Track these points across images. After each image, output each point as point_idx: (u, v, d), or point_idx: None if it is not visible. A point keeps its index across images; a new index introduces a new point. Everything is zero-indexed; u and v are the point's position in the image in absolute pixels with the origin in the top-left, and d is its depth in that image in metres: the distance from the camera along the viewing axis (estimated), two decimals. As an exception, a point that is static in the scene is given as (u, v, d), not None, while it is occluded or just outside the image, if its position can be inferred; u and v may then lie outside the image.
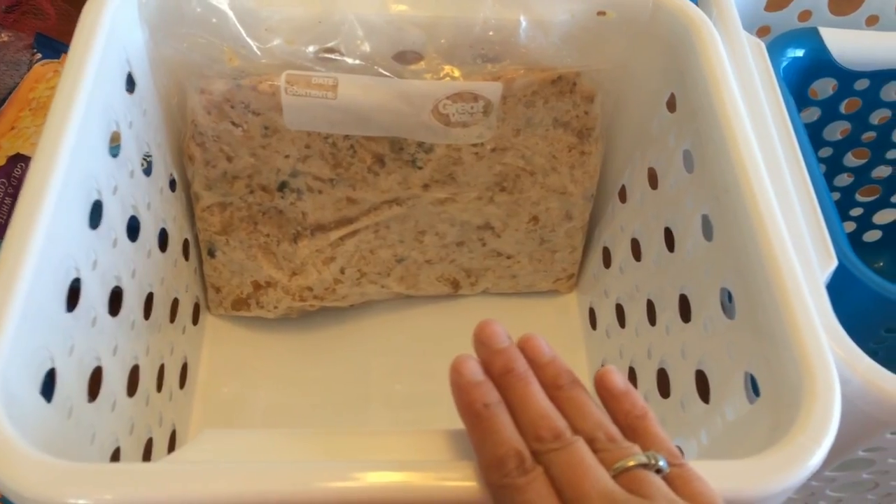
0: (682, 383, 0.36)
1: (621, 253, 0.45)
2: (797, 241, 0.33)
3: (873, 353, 0.34)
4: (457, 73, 0.39)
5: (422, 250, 0.46)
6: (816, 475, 0.36)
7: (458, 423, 0.45)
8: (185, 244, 0.44)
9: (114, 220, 0.34)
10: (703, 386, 0.35)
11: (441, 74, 0.39)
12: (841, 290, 0.35)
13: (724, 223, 0.34)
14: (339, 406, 0.45)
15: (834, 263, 0.34)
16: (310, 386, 0.45)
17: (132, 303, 0.36)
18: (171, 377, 0.41)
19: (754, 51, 0.41)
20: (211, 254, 0.45)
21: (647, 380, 0.40)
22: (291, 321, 0.47)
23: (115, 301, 0.34)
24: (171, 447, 0.41)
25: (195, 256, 0.45)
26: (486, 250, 0.47)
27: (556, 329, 0.50)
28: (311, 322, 0.48)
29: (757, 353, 0.30)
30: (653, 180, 0.42)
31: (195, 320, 0.45)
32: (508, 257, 0.48)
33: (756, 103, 0.38)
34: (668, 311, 0.38)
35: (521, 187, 0.44)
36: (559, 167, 0.44)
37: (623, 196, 0.46)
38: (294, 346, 0.47)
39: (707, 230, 0.35)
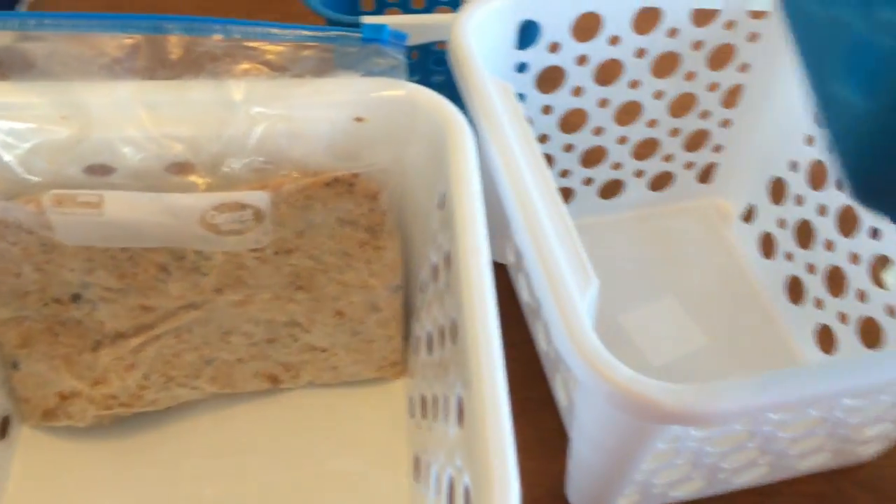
0: (442, 486, 0.36)
1: (423, 345, 0.45)
2: (553, 282, 0.34)
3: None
4: (222, 185, 0.39)
5: (230, 350, 0.46)
6: (638, 473, 0.37)
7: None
8: (-15, 359, 0.44)
9: None
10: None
11: (204, 187, 0.39)
12: None
13: (461, 330, 0.34)
14: (145, 514, 0.45)
15: (595, 283, 0.35)
16: (117, 494, 0.45)
17: None
18: (-41, 499, 0.41)
19: (503, 96, 0.41)
20: (14, 367, 0.45)
21: (432, 480, 0.40)
22: (106, 427, 0.47)
23: None
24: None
25: (1, 370, 0.45)
26: (299, 345, 0.47)
27: (381, 415, 0.50)
28: (127, 427, 0.47)
29: (468, 463, 0.30)
30: (435, 277, 0.42)
31: (3, 434, 0.45)
32: (324, 350, 0.48)
33: (510, 154, 0.39)
34: (439, 411, 0.38)
35: (318, 285, 0.45)
36: (354, 263, 0.44)
37: (424, 289, 0.46)
38: (106, 453, 0.47)
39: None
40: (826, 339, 0.53)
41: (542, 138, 0.56)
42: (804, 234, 0.55)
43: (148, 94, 0.39)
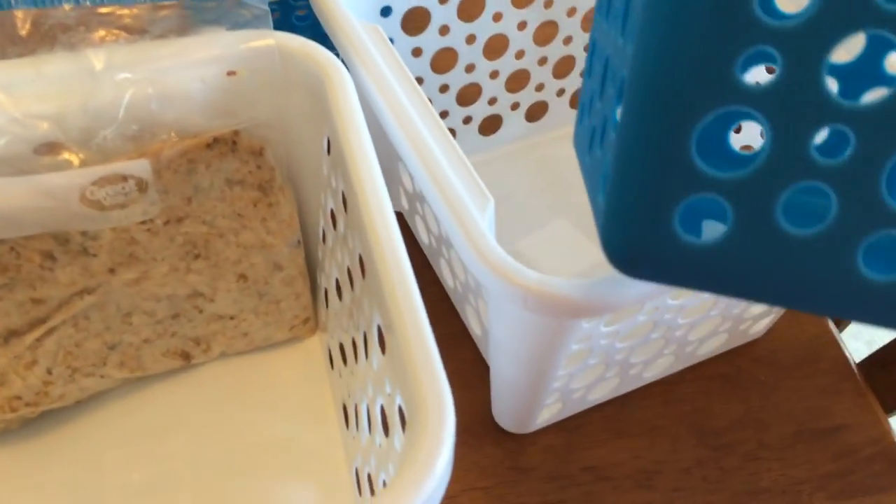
0: (374, 420, 0.37)
1: (332, 294, 0.46)
2: (453, 205, 0.35)
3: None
4: (97, 159, 0.38)
5: (134, 332, 0.45)
6: (555, 380, 0.39)
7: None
8: None
9: None
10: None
11: (79, 163, 0.38)
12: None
13: (369, 261, 0.35)
14: (71, 511, 0.43)
15: (491, 201, 0.36)
16: (41, 498, 0.43)
17: None
18: None
19: (375, 38, 0.42)
20: None
21: (365, 418, 0.41)
22: (14, 431, 0.45)
23: None
24: None
25: None
26: (205, 316, 0.47)
27: (301, 374, 0.50)
28: (37, 428, 0.46)
29: (399, 382, 0.31)
30: (334, 222, 0.42)
31: None
32: (232, 318, 0.47)
33: (392, 94, 0.39)
34: (359, 349, 0.39)
35: (215, 251, 0.44)
36: (249, 223, 0.44)
37: (324, 239, 0.46)
38: (21, 458, 0.45)
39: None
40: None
41: (418, 81, 0.57)
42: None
43: (1, 73, 0.37)
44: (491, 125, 0.63)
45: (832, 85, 0.26)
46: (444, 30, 0.55)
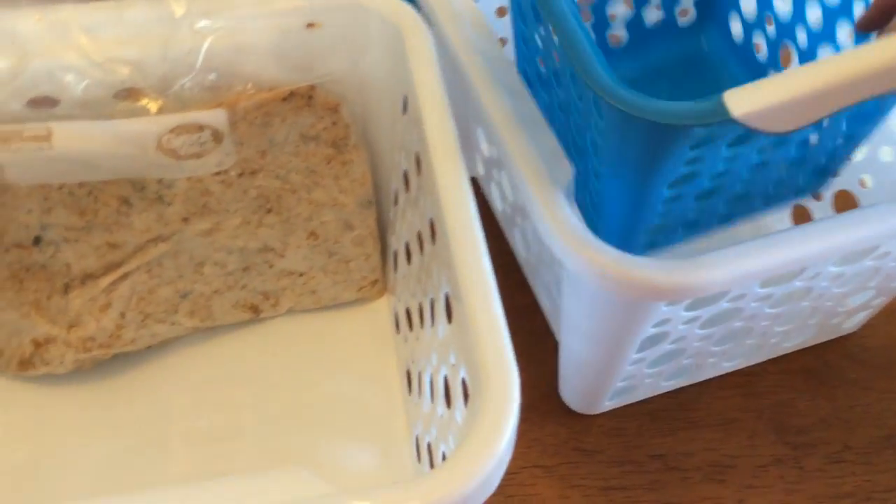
0: (437, 389, 0.36)
1: (401, 257, 0.45)
2: (533, 169, 0.33)
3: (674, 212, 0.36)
4: (175, 107, 0.38)
5: (205, 282, 0.45)
6: (630, 363, 0.38)
7: (261, 455, 0.45)
8: (-49, 313, 0.43)
9: None
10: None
11: (157, 110, 0.38)
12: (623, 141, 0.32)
13: (440, 226, 0.33)
14: (137, 451, 0.44)
15: (571, 170, 0.34)
16: (107, 435, 0.44)
17: None
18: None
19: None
20: (-17, 318, 0.43)
21: (428, 387, 0.40)
22: (87, 371, 0.46)
23: None
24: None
25: (-30, 322, 0.44)
26: (275, 271, 0.46)
27: (367, 336, 0.49)
28: (110, 369, 0.46)
29: (464, 354, 0.30)
30: (406, 183, 0.41)
31: (-21, 388, 0.44)
32: (301, 274, 0.47)
33: (474, 54, 0.37)
34: (426, 316, 0.38)
35: (287, 206, 0.43)
36: (322, 180, 0.43)
37: (397, 200, 0.45)
38: (90, 398, 0.46)
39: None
40: (801, 217, 0.52)
41: (501, 43, 0.55)
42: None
43: (84, 16, 0.37)
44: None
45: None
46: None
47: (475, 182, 0.57)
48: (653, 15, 0.49)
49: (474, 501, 0.24)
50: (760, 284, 0.37)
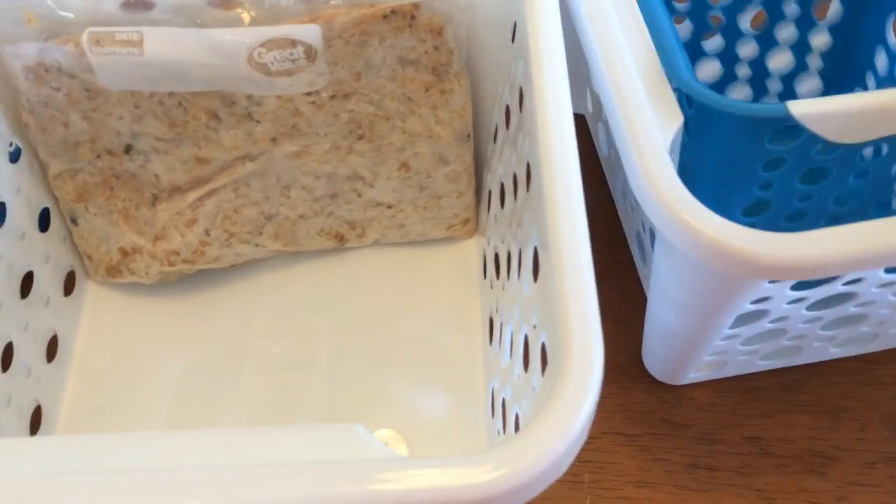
0: (517, 347, 0.33)
1: (495, 198, 0.42)
2: (635, 112, 0.30)
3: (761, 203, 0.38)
4: (268, 18, 0.35)
5: (291, 206, 0.44)
6: (721, 338, 0.36)
7: (332, 389, 0.44)
8: (45, 214, 0.43)
9: None
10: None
11: (250, 21, 0.35)
12: (706, 135, 0.35)
13: (535, 173, 0.30)
14: (213, 369, 0.44)
15: (679, 120, 0.31)
16: (186, 349, 0.44)
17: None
18: (29, 354, 0.40)
19: None
20: (74, 222, 0.44)
21: (508, 342, 0.37)
22: (172, 283, 0.46)
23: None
24: (36, 426, 0.40)
25: (63, 225, 0.44)
26: (363, 201, 0.44)
27: (453, 276, 0.47)
28: (192, 284, 0.46)
29: (546, 318, 0.27)
30: (507, 119, 0.38)
31: (68, 291, 0.45)
32: (389, 207, 0.45)
33: None
34: (513, 267, 0.35)
35: (379, 134, 0.41)
36: (418, 109, 0.40)
37: (496, 136, 0.42)
38: (173, 310, 0.46)
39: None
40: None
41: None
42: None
43: (183, -86, 0.35)
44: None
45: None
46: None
47: (583, 120, 0.53)
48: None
49: (536, 487, 0.22)
50: (885, 269, 0.32)
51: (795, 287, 0.33)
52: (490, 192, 0.44)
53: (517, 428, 0.33)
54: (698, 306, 0.34)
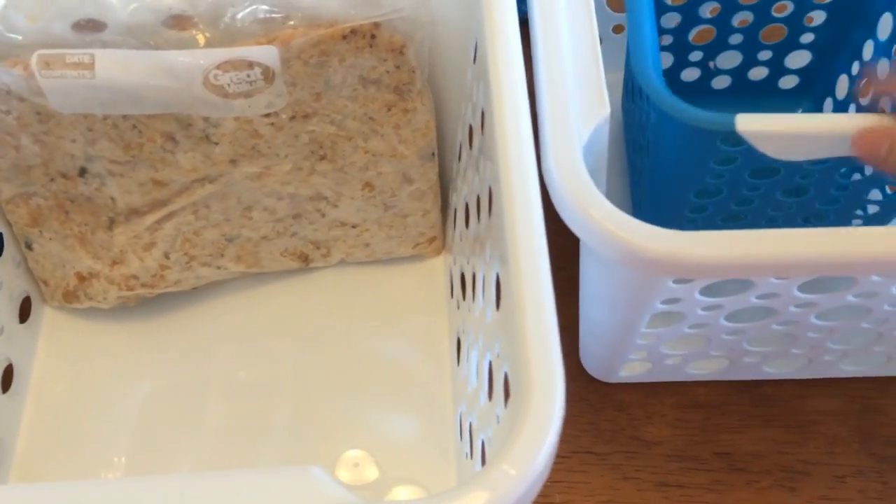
0: (482, 373, 0.33)
1: (460, 217, 0.41)
2: (552, 103, 0.30)
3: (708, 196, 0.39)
4: (224, 40, 0.34)
5: (253, 227, 0.43)
6: (640, 337, 0.37)
7: (299, 413, 0.43)
8: (-2, 239, 0.42)
9: None
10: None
11: (205, 42, 0.34)
12: (661, 138, 0.37)
13: (497, 200, 0.29)
14: (175, 395, 0.43)
15: (605, 111, 0.31)
16: (147, 374, 0.43)
17: None
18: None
19: None
20: (28, 247, 0.42)
21: (474, 367, 0.36)
22: (132, 307, 0.45)
23: None
24: (-12, 455, 0.39)
25: (17, 250, 0.43)
26: (327, 221, 0.44)
27: (420, 295, 0.46)
28: (152, 307, 0.45)
29: (508, 350, 0.27)
30: (471, 139, 0.37)
31: (24, 317, 0.43)
32: (354, 226, 0.44)
33: None
34: (477, 291, 0.34)
35: (341, 154, 0.40)
36: (381, 129, 0.40)
37: (460, 154, 0.41)
38: (133, 334, 0.45)
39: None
40: None
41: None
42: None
43: (134, -66, 0.34)
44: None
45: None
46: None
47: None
48: (757, 72, 0.50)
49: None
50: (800, 289, 0.33)
51: (705, 292, 0.33)
52: (455, 210, 0.43)
53: (483, 456, 0.32)
54: (614, 301, 0.35)
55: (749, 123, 0.33)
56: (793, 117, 0.36)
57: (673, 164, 0.39)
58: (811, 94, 0.51)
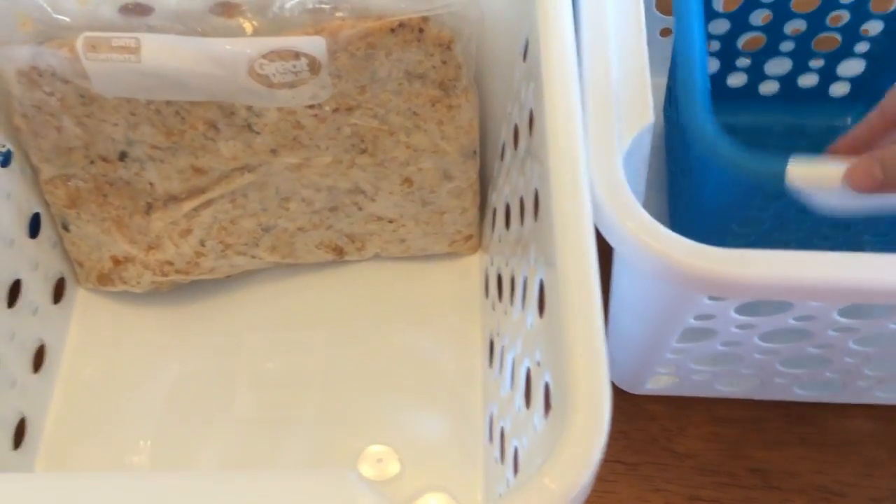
0: (518, 379, 0.32)
1: (499, 218, 0.40)
2: (596, 112, 0.30)
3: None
4: (272, 29, 0.34)
5: (289, 218, 0.42)
6: (670, 351, 0.36)
7: (327, 405, 0.43)
8: (35, 220, 0.42)
9: None
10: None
11: (252, 31, 0.34)
12: (706, 171, 0.35)
13: (544, 203, 0.29)
14: (203, 383, 0.43)
15: (649, 120, 0.30)
16: (176, 361, 0.43)
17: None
18: (15, 365, 0.39)
19: None
20: (65, 228, 0.42)
21: (509, 370, 0.36)
22: (165, 293, 0.45)
23: None
24: (19, 439, 0.39)
25: (54, 231, 0.43)
26: (364, 214, 0.43)
27: (454, 293, 0.46)
28: (184, 294, 0.45)
29: (551, 359, 0.26)
30: (516, 138, 0.36)
31: (57, 298, 0.43)
32: (391, 221, 0.44)
33: None
34: (517, 294, 0.34)
35: (383, 148, 0.40)
36: (424, 124, 0.39)
37: (503, 154, 0.40)
38: (165, 320, 0.45)
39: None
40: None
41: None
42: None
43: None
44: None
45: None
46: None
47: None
48: (807, 79, 0.49)
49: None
50: (841, 314, 0.31)
51: (740, 311, 0.32)
52: (495, 210, 0.42)
53: (516, 463, 0.31)
54: (641, 312, 0.34)
55: (800, 172, 0.31)
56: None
57: (715, 195, 0.37)
58: (862, 101, 0.49)
